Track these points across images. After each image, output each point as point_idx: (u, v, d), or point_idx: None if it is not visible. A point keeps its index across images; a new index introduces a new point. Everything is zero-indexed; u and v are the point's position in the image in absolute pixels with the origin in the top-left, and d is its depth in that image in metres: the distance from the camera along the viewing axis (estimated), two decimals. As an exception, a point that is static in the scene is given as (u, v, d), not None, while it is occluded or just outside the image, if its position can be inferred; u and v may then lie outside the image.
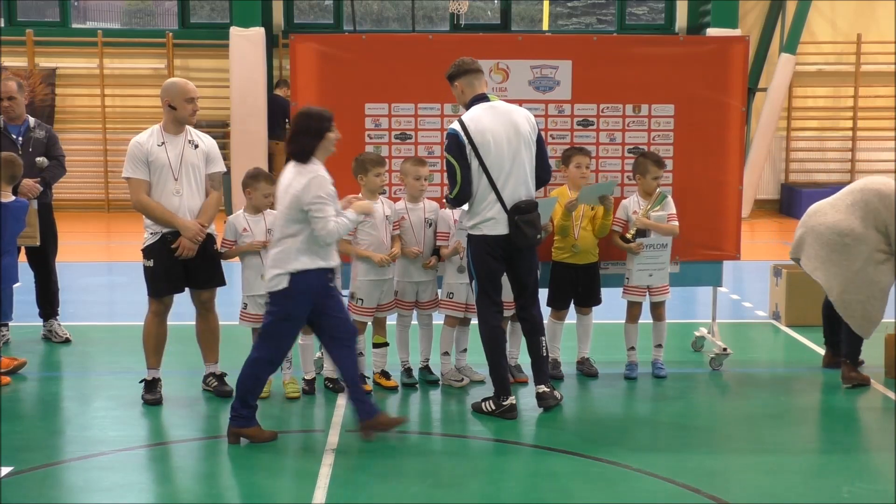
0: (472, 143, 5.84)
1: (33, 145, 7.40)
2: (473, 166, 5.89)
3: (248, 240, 6.29)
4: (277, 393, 6.41)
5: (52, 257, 7.64)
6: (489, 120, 5.89)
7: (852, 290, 6.37)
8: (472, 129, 5.86)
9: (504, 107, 6.00)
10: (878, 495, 4.94)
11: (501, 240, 5.92)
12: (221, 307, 6.56)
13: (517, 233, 5.87)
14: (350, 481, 5.06)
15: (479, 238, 5.96)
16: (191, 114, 6.18)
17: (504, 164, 5.88)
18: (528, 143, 5.95)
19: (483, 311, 6.06)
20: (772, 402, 6.44)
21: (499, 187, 5.88)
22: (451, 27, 16.16)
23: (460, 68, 6.03)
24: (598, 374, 6.84)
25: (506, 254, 5.97)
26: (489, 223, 5.91)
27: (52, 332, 7.69)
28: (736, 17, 14.66)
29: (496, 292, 6.06)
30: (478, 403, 6.11)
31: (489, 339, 6.03)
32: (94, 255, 12.20)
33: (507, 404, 5.98)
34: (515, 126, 5.92)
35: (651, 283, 6.77)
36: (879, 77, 15.84)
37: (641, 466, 5.23)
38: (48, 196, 7.49)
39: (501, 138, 5.87)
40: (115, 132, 15.54)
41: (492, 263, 5.98)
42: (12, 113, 7.38)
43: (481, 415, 6.02)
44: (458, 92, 6.08)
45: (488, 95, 6.04)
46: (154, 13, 17.75)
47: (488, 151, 5.85)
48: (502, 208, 5.88)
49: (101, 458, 5.40)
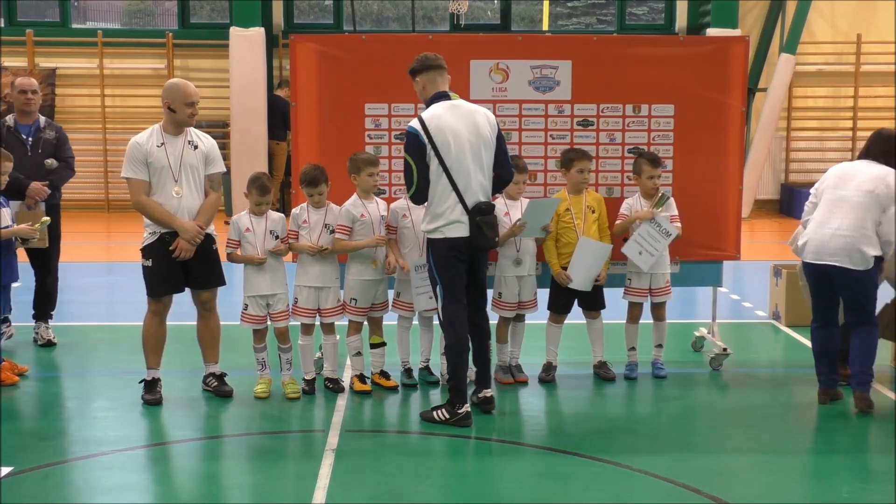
0: (431, 142, 5.71)
1: (42, 146, 7.39)
2: (433, 166, 5.75)
3: (250, 239, 6.30)
4: (277, 393, 6.41)
5: (54, 259, 7.62)
6: (450, 118, 5.75)
7: None
8: (432, 128, 5.72)
9: (465, 106, 5.86)
10: (879, 495, 4.94)
11: (463, 242, 5.78)
12: (221, 308, 6.55)
13: (479, 234, 5.74)
14: (350, 482, 5.06)
15: (442, 241, 5.79)
16: (189, 117, 6.18)
17: (466, 165, 5.73)
18: (488, 144, 5.82)
19: (450, 317, 5.86)
20: (772, 402, 6.44)
21: (460, 188, 5.74)
22: (451, 27, 16.16)
23: (423, 64, 5.91)
24: (615, 379, 6.80)
25: (466, 256, 5.85)
26: (452, 226, 5.76)
27: (38, 334, 7.63)
28: (736, 17, 14.67)
29: (462, 296, 5.90)
30: (428, 412, 5.90)
31: (453, 345, 5.86)
32: (93, 255, 12.20)
33: (463, 412, 5.80)
34: (476, 125, 5.78)
35: (639, 261, 6.64)
36: (879, 77, 15.84)
37: (641, 466, 5.23)
38: (56, 197, 7.49)
39: (462, 138, 5.73)
40: (115, 132, 15.55)
41: (457, 266, 5.83)
42: (31, 107, 7.37)
43: (432, 424, 5.83)
44: (419, 88, 5.95)
45: (449, 94, 5.90)
46: (154, 13, 17.75)
47: (448, 151, 5.71)
48: (464, 210, 5.75)
49: (101, 458, 5.40)
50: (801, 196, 14.04)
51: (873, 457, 5.58)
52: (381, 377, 6.58)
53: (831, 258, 5.95)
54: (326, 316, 6.45)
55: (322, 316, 6.45)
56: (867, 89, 16.02)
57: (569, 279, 6.58)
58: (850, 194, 5.97)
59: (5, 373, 6.62)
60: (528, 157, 6.82)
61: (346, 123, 6.82)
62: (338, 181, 6.47)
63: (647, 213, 6.61)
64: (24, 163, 7.19)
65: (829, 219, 6.00)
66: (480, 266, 5.99)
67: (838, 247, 5.92)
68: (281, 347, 6.47)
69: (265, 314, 6.39)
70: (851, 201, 5.96)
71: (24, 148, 7.29)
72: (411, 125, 5.80)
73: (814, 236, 6.04)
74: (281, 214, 6.49)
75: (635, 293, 6.83)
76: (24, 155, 7.25)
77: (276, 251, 6.32)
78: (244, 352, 6.72)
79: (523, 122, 6.92)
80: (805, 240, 6.11)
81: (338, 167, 6.47)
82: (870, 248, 5.88)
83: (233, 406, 6.28)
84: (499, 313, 6.70)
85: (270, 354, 6.53)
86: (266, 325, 6.44)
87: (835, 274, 5.99)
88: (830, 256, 5.95)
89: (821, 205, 6.10)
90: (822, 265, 6.00)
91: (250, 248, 6.32)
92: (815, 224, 6.06)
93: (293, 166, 6.79)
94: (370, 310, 6.48)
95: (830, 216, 6.00)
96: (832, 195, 6.05)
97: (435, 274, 5.88)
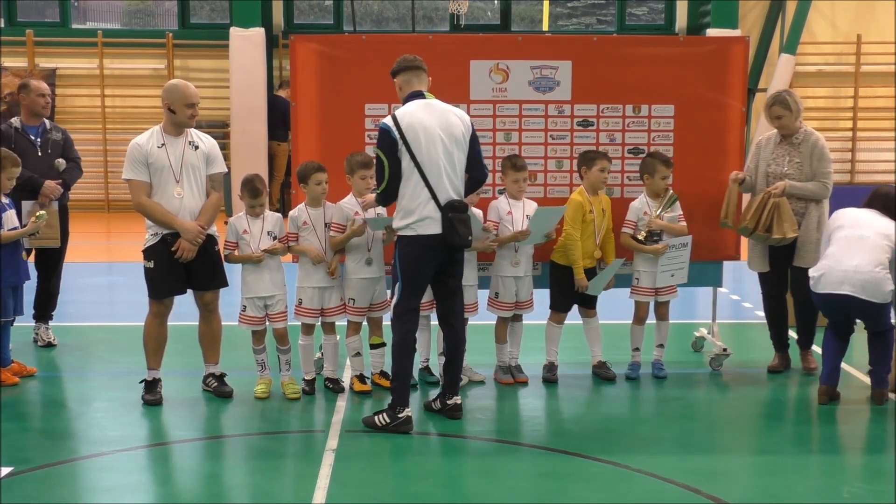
0: (403, 138, 5.67)
1: (51, 147, 7.41)
2: (405, 162, 5.70)
3: (248, 240, 6.31)
4: (277, 394, 6.42)
5: (62, 260, 7.64)
6: (422, 116, 5.71)
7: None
8: (404, 124, 5.68)
9: (439, 105, 5.82)
10: (878, 495, 4.94)
11: (436, 240, 5.73)
12: (221, 308, 6.55)
13: (451, 232, 5.67)
14: (350, 482, 5.06)
15: (413, 238, 5.72)
16: (189, 118, 6.18)
17: (437, 162, 5.69)
18: (460, 143, 5.77)
19: (402, 316, 5.77)
20: (772, 402, 6.44)
21: (432, 185, 5.68)
22: (451, 28, 16.16)
23: (401, 65, 5.90)
24: (615, 379, 6.81)
25: (437, 256, 5.80)
26: (424, 222, 5.69)
27: (38, 335, 7.64)
28: (736, 17, 14.67)
29: (419, 297, 5.85)
30: (370, 418, 5.80)
31: (401, 345, 5.75)
32: (94, 255, 12.20)
33: (403, 417, 5.70)
34: (449, 124, 5.74)
35: (673, 282, 6.79)
36: (879, 77, 15.84)
37: (641, 467, 5.23)
38: (66, 198, 7.51)
39: (434, 135, 5.69)
40: (115, 132, 15.56)
41: (424, 266, 5.76)
42: (48, 110, 7.42)
43: (374, 429, 5.73)
44: (397, 88, 5.95)
45: (425, 94, 5.85)
46: (154, 13, 17.76)
47: (419, 147, 5.66)
48: (437, 206, 5.69)
49: (101, 458, 5.40)
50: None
51: (873, 457, 5.58)
52: (381, 377, 6.58)
53: (851, 290, 6.08)
54: (328, 316, 6.45)
55: (324, 316, 6.45)
56: (867, 90, 16.02)
57: (587, 287, 6.59)
58: (870, 234, 6.18)
59: (5, 374, 6.62)
60: (528, 158, 6.82)
61: (346, 124, 6.82)
62: (337, 181, 6.47)
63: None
64: (35, 164, 7.21)
65: (849, 256, 6.13)
66: (455, 266, 5.91)
67: (860, 282, 6.06)
68: (280, 349, 6.47)
69: (263, 315, 6.39)
70: (871, 241, 6.15)
71: (34, 149, 7.30)
72: (384, 121, 5.77)
73: (833, 269, 6.15)
74: (279, 215, 6.50)
75: (642, 293, 6.83)
76: (35, 156, 7.27)
77: (273, 250, 6.32)
78: (244, 352, 6.72)
79: (523, 122, 6.92)
80: (821, 273, 6.21)
81: (338, 167, 6.47)
82: (888, 284, 6.09)
83: (233, 406, 6.28)
84: (496, 313, 6.69)
85: (270, 355, 6.53)
86: (265, 326, 6.44)
87: (853, 305, 6.13)
88: (851, 288, 6.08)
89: (838, 242, 6.23)
90: (843, 295, 6.11)
91: (248, 249, 6.32)
92: (834, 260, 6.18)
93: (293, 167, 6.79)
94: (369, 310, 6.48)
95: (851, 254, 6.13)
96: (851, 233, 6.22)
97: (398, 270, 5.80)
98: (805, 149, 6.71)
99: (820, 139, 6.79)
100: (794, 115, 6.70)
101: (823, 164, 6.71)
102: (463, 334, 6.01)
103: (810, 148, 6.70)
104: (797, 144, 6.74)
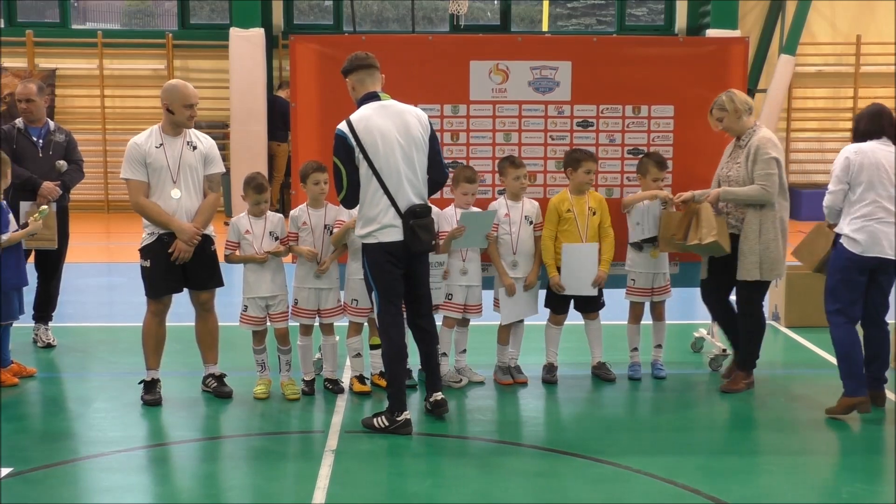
0: (360, 144, 5.58)
1: (53, 148, 7.40)
2: (362, 169, 5.62)
3: (250, 241, 6.31)
4: (277, 394, 6.41)
5: (61, 261, 7.64)
6: (379, 120, 5.61)
7: None
8: (360, 130, 5.58)
9: (395, 106, 5.70)
10: (878, 496, 4.94)
11: (398, 246, 5.65)
12: (220, 308, 6.56)
13: (413, 238, 5.61)
14: (350, 482, 5.06)
15: (376, 246, 5.66)
16: (188, 119, 6.18)
17: (396, 167, 5.60)
18: (419, 145, 5.69)
19: (386, 324, 5.75)
20: (771, 402, 6.44)
21: (392, 191, 5.59)
22: (450, 28, 16.15)
23: (353, 63, 5.77)
24: (615, 380, 6.80)
25: (402, 261, 5.73)
26: (386, 230, 5.62)
27: (38, 336, 7.63)
28: (735, 17, 14.67)
29: (399, 301, 5.79)
30: (369, 419, 5.79)
31: (391, 353, 5.74)
32: (93, 255, 12.19)
33: (402, 419, 5.68)
34: (406, 126, 5.65)
35: (654, 283, 6.78)
36: (879, 78, 15.83)
37: (641, 467, 5.23)
38: (65, 199, 7.50)
39: (391, 139, 5.59)
40: (114, 133, 15.55)
41: (393, 271, 5.70)
42: (31, 116, 7.37)
43: (373, 431, 5.73)
44: (349, 88, 5.84)
45: (379, 94, 5.75)
46: (154, 14, 17.75)
47: (377, 153, 5.57)
48: (397, 213, 5.61)
49: (100, 458, 5.40)
50: (801, 197, 14.04)
51: (872, 457, 5.58)
52: (381, 378, 6.57)
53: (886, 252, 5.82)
54: (326, 317, 6.44)
55: (322, 317, 6.45)
56: (867, 90, 15.99)
57: (562, 288, 6.58)
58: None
59: (5, 374, 6.62)
60: (528, 158, 6.83)
61: (346, 124, 6.81)
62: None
63: (652, 195, 6.58)
64: (35, 164, 7.21)
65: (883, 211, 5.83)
66: (420, 270, 5.88)
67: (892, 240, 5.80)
68: (280, 349, 6.46)
69: (264, 315, 6.39)
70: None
71: (35, 150, 7.30)
72: (339, 127, 5.67)
73: (870, 228, 5.82)
74: (280, 215, 6.50)
75: (637, 293, 6.83)
76: (36, 157, 7.27)
77: (276, 252, 6.32)
78: (243, 353, 6.72)
79: (523, 122, 6.92)
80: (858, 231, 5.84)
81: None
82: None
83: (232, 407, 6.28)
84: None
85: (270, 355, 6.53)
86: (265, 326, 6.43)
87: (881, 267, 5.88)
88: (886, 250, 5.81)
89: (866, 192, 5.85)
90: (875, 258, 5.85)
91: (250, 249, 6.32)
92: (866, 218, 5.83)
93: (293, 167, 6.79)
94: (371, 311, 6.48)
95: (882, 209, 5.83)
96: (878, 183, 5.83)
97: (370, 280, 5.77)
98: (749, 150, 6.31)
99: (762, 139, 6.27)
100: (734, 114, 6.30)
101: (760, 165, 6.20)
102: (434, 331, 5.98)
103: (749, 149, 6.30)
104: (743, 146, 6.36)
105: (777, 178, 6.22)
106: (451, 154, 6.85)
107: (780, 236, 6.31)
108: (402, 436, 5.67)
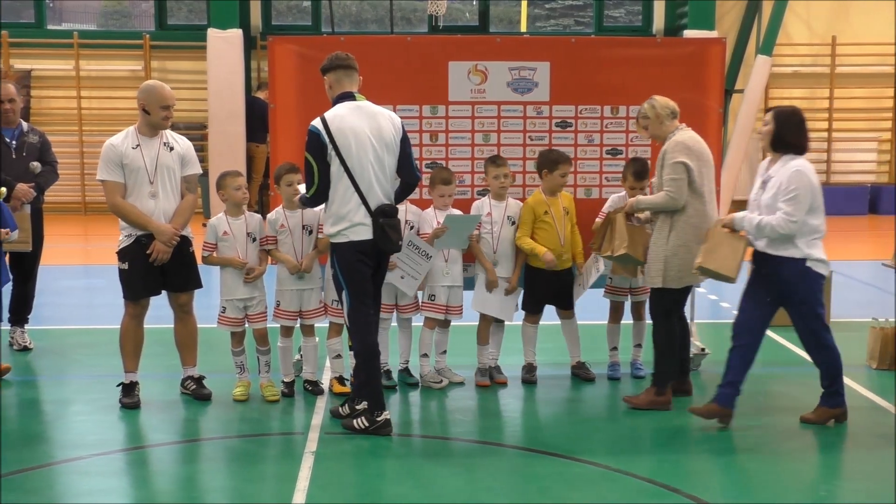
0: (333, 142, 5.60)
1: (27, 150, 7.34)
2: (334, 167, 5.64)
3: (228, 242, 6.28)
4: (256, 396, 6.39)
5: (37, 263, 7.58)
6: (352, 119, 5.64)
7: None
8: (333, 128, 5.61)
9: (369, 108, 5.74)
10: (853, 493, 4.97)
11: (368, 245, 5.67)
12: (199, 310, 6.53)
13: (383, 237, 5.63)
14: (330, 484, 5.05)
15: (347, 245, 5.66)
16: (163, 119, 6.15)
17: (368, 167, 5.62)
18: (391, 147, 5.71)
19: (359, 325, 5.72)
20: (750, 401, 6.46)
21: (363, 190, 5.62)
22: (429, 29, 16.16)
23: (332, 62, 5.80)
24: (594, 379, 6.82)
25: (371, 259, 5.71)
26: (356, 228, 5.63)
27: (14, 339, 7.57)
28: (713, 18, 14.74)
29: (367, 300, 5.76)
30: (348, 421, 5.76)
31: (364, 353, 5.72)
32: (71, 258, 12.12)
33: (382, 419, 5.67)
34: (379, 128, 5.68)
35: (633, 283, 6.78)
36: (854, 78, 15.98)
37: (621, 467, 5.24)
38: (39, 201, 7.44)
39: (364, 139, 5.62)
40: (91, 134, 15.45)
41: (363, 270, 5.70)
42: (12, 116, 7.31)
43: (353, 432, 5.71)
44: (327, 86, 5.86)
45: (355, 95, 5.77)
46: (131, 14, 17.66)
47: (349, 151, 5.60)
48: (367, 212, 5.64)
49: (78, 462, 5.37)
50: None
51: (852, 456, 5.63)
52: (340, 384, 6.51)
53: None
54: (308, 318, 6.43)
55: (303, 318, 6.43)
56: (842, 90, 16.15)
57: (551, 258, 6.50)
58: None
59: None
60: (507, 159, 6.82)
61: (325, 125, 6.80)
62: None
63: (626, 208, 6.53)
64: (9, 166, 7.15)
65: None
66: (384, 270, 5.93)
67: None
68: (260, 350, 6.44)
69: (243, 317, 6.37)
70: None
71: (8, 151, 7.24)
72: (313, 124, 5.69)
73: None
74: (259, 217, 6.48)
75: (616, 292, 6.85)
76: (9, 158, 7.21)
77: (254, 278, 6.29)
78: (222, 355, 6.69)
79: (502, 123, 6.93)
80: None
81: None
82: None
83: (211, 409, 6.26)
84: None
85: (249, 357, 6.51)
86: (244, 327, 6.41)
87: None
88: None
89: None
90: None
91: (229, 251, 6.30)
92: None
93: (272, 169, 6.77)
94: (350, 311, 6.46)
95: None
96: None
97: (340, 279, 5.75)
98: (661, 155, 6.13)
99: (673, 143, 6.07)
100: (656, 120, 6.15)
101: (667, 170, 6.00)
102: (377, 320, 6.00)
103: (662, 153, 6.12)
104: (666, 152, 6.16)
105: (684, 182, 5.97)
106: (429, 155, 6.86)
107: (693, 242, 6.00)
108: (383, 437, 5.66)
